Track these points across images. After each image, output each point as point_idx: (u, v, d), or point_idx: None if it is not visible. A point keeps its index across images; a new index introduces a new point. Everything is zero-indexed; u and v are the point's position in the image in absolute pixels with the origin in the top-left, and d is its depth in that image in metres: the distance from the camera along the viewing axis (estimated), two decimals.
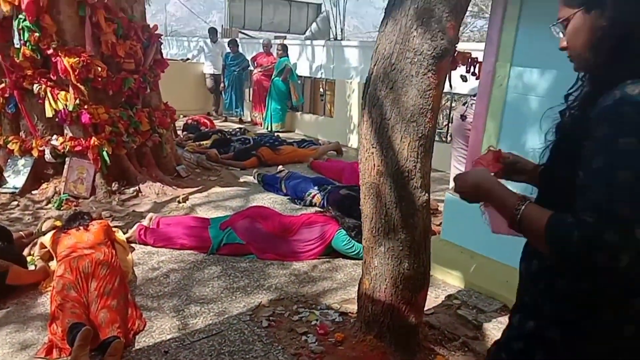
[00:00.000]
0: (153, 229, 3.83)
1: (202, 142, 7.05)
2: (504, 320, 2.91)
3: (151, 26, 5.26)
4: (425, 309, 2.60)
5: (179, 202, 4.70)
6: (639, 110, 0.96)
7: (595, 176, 0.97)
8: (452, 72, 3.24)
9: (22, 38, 4.43)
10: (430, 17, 2.00)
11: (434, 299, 3.05)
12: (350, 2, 15.04)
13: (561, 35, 1.17)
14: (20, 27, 4.37)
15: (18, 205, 4.43)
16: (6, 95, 4.61)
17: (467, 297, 3.10)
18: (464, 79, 3.69)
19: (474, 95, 4.12)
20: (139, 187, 4.88)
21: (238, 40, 10.43)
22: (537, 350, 1.18)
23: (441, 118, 8.55)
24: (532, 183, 1.39)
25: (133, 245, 3.69)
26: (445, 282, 3.34)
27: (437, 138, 7.40)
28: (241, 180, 5.64)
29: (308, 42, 9.58)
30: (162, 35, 5.50)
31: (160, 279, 3.25)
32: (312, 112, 9.15)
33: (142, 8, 5.26)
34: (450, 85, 3.15)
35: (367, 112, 2.24)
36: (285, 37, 11.44)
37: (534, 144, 3.09)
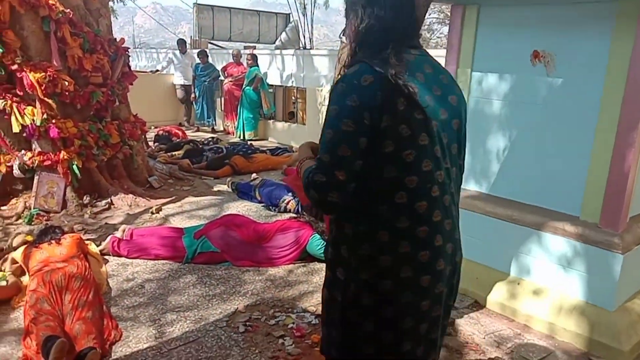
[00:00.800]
0: (127, 240, 3.82)
1: (174, 153, 7.03)
2: (476, 315, 3.03)
3: (118, 39, 5.26)
4: None
5: (152, 213, 4.69)
6: (345, 84, 1.29)
7: (321, 136, 1.31)
8: None
9: None
10: None
11: None
12: (319, 11, 15.23)
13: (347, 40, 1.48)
14: None
15: None
16: None
17: None
18: None
19: None
20: (111, 200, 4.86)
21: (207, 50, 10.43)
22: (337, 293, 1.42)
23: None
24: None
25: (107, 257, 3.68)
26: None
27: None
28: (215, 189, 5.66)
29: (278, 51, 9.65)
30: (129, 48, 5.49)
31: (135, 289, 3.25)
32: (285, 120, 9.21)
33: (108, 22, 5.27)
34: None
35: None
36: (254, 47, 11.47)
37: (495, 144, 3.23)
